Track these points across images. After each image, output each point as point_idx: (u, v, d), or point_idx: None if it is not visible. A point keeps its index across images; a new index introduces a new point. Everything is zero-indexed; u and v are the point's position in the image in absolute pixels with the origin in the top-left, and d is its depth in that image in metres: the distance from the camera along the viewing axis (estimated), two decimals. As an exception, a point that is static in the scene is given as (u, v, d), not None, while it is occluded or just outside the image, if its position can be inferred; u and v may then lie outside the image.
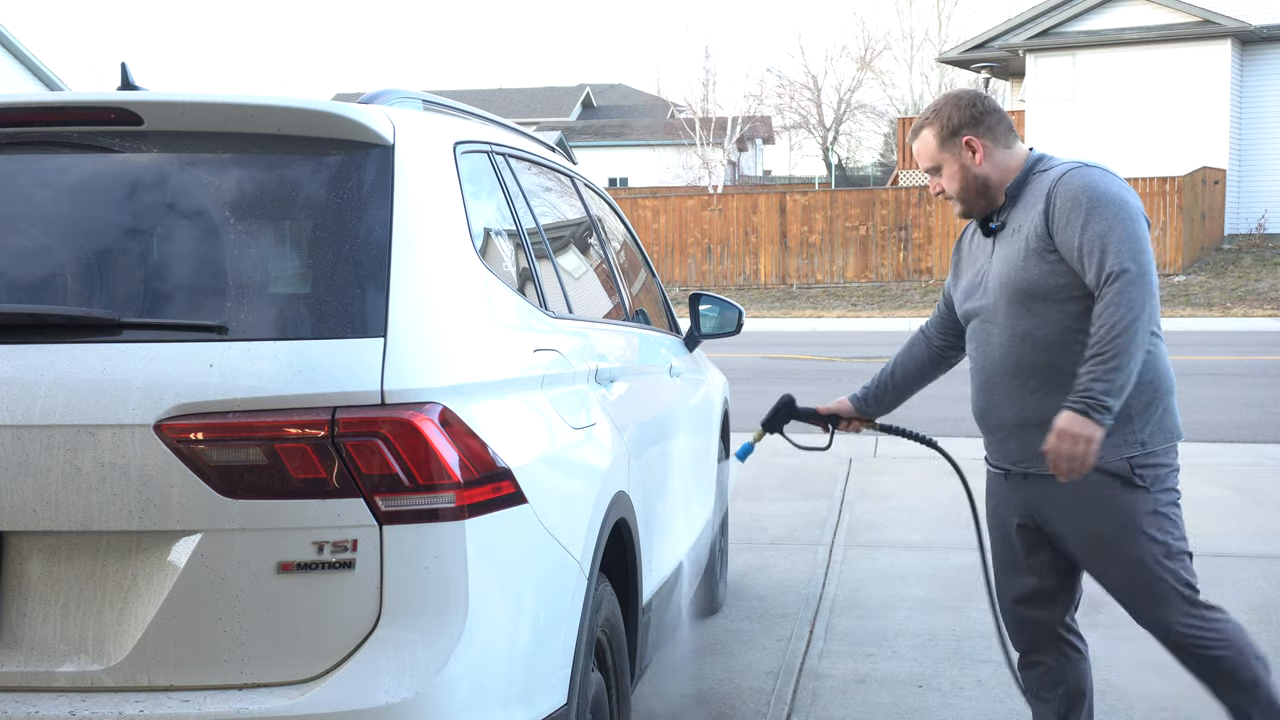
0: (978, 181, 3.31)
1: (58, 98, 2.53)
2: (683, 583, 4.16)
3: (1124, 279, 2.99)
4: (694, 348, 4.88)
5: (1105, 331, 3.00)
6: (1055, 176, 3.18)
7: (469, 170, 2.79)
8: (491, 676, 2.31)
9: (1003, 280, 3.27)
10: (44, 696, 2.17)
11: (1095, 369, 3.01)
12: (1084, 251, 3.07)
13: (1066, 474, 3.08)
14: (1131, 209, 3.08)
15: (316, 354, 2.20)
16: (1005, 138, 3.33)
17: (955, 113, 3.31)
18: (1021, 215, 3.24)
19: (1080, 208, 3.08)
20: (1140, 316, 2.99)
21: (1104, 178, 3.13)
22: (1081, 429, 3.03)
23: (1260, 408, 11.58)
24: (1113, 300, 2.99)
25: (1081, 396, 3.03)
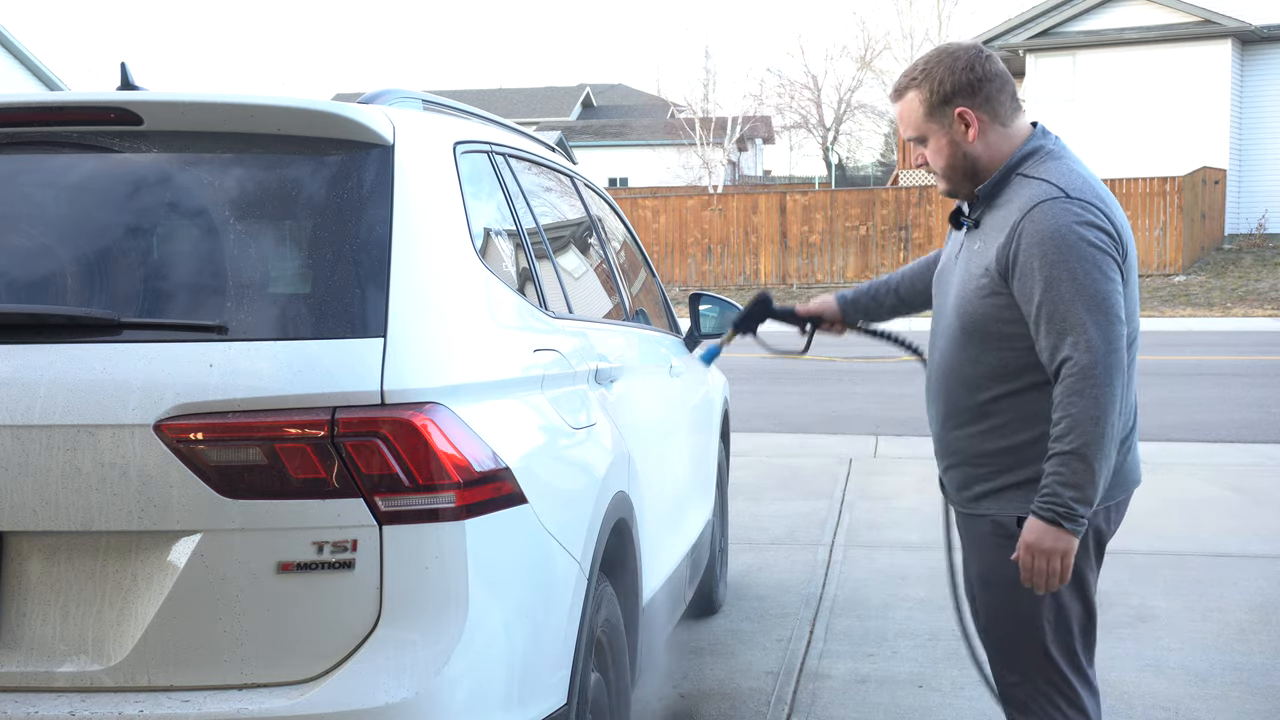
0: (967, 161, 2.82)
1: (58, 98, 2.53)
2: (682, 583, 4.16)
3: (1084, 366, 2.60)
4: (694, 348, 4.88)
5: (1069, 428, 2.61)
6: (1028, 203, 2.69)
7: (469, 170, 2.79)
8: (491, 676, 2.31)
9: (956, 301, 2.87)
10: (44, 697, 2.16)
11: (1062, 470, 2.62)
12: (1039, 318, 2.66)
13: (1044, 589, 2.73)
14: (1096, 266, 2.62)
15: (316, 354, 2.20)
16: (1006, 112, 2.82)
17: (949, 76, 2.78)
18: (991, 233, 2.79)
19: (1036, 265, 2.64)
20: (1109, 407, 2.60)
21: (1071, 222, 2.64)
22: (1054, 543, 2.66)
23: (1260, 408, 11.58)
24: (1075, 392, 2.60)
25: (1049, 503, 2.65)
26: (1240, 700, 4.26)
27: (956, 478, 2.96)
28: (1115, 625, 5.11)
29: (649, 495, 3.44)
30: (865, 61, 47.51)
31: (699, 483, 4.60)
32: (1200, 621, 5.14)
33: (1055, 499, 2.64)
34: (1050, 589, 2.72)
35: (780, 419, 10.72)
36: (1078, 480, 2.62)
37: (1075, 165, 2.80)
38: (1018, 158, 2.81)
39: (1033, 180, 2.74)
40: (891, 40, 53.00)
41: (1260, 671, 4.55)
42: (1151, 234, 25.74)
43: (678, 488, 4.06)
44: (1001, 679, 2.97)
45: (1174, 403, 11.92)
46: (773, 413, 11.09)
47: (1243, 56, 28.17)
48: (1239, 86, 28.09)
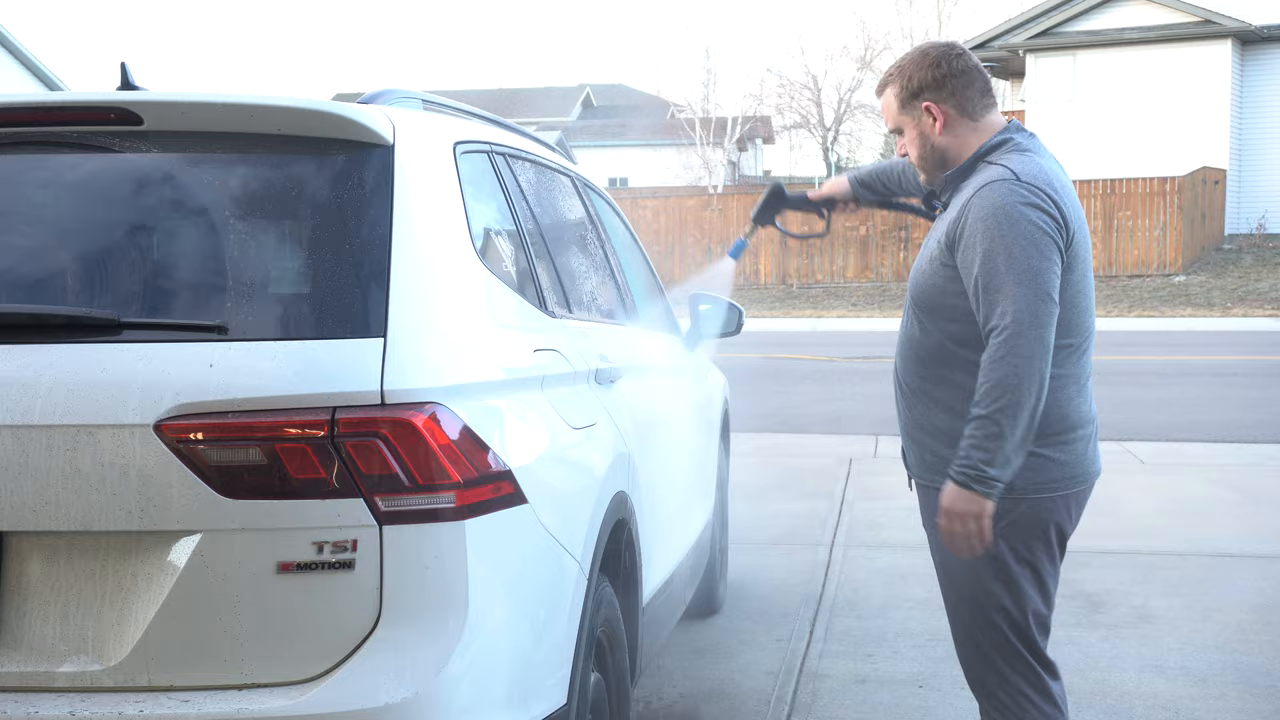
0: (935, 152, 2.98)
1: (58, 98, 2.53)
2: (682, 583, 4.16)
3: (1008, 334, 2.69)
4: (694, 348, 4.88)
5: (986, 393, 2.71)
6: (981, 183, 2.83)
7: (469, 170, 2.79)
8: (491, 677, 2.31)
9: (913, 274, 3.04)
10: (44, 697, 2.16)
11: (976, 435, 2.71)
12: (976, 288, 2.77)
13: (965, 553, 2.81)
14: (1034, 244, 2.73)
15: (316, 354, 2.20)
16: (973, 107, 2.95)
17: (918, 72, 2.96)
18: (951, 211, 2.92)
19: (979, 238, 2.76)
20: (1028, 377, 2.68)
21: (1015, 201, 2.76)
22: (967, 505, 2.73)
23: (1260, 408, 11.58)
24: (998, 358, 2.70)
25: (962, 467, 2.74)
26: (1240, 700, 4.26)
27: (915, 451, 3.05)
28: (1116, 625, 5.11)
29: (649, 495, 3.44)
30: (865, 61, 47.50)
31: (699, 483, 4.60)
32: (1201, 622, 5.14)
33: (968, 462, 2.73)
34: (970, 553, 2.79)
35: (780, 419, 10.72)
36: (990, 445, 2.70)
37: (1039, 158, 2.90)
38: (986, 148, 2.94)
39: (992, 165, 2.88)
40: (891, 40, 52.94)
41: (1261, 671, 4.54)
42: (1151, 234, 25.74)
43: (678, 488, 4.06)
44: (967, 663, 3.05)
45: (1174, 403, 11.93)
46: (773, 413, 11.09)
47: (1243, 56, 28.16)
48: (1239, 86, 28.09)
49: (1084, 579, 5.80)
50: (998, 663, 2.96)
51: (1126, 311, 23.42)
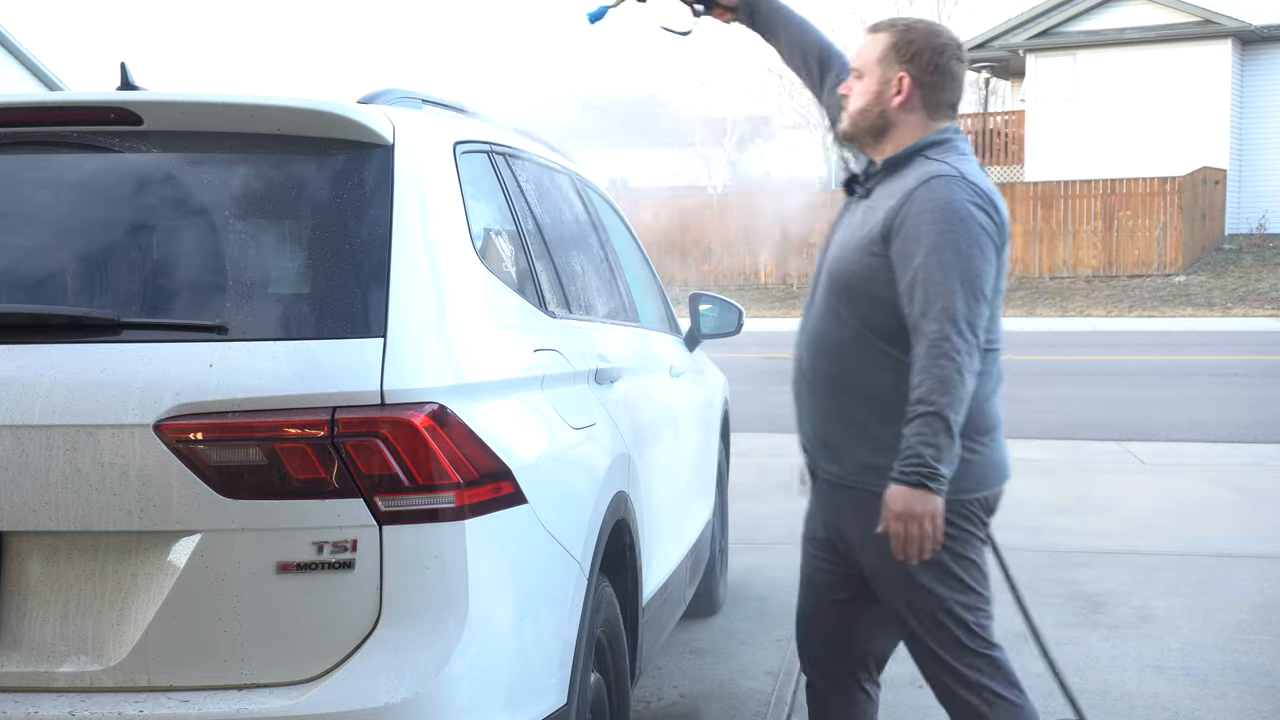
0: (880, 120, 2.89)
1: (58, 98, 2.53)
2: (683, 583, 4.15)
3: (952, 332, 2.67)
4: (694, 348, 4.88)
5: (931, 389, 2.66)
6: (926, 175, 2.79)
7: (469, 170, 2.79)
8: (491, 677, 2.30)
9: (832, 264, 2.94)
10: (43, 697, 2.16)
11: (924, 431, 2.66)
12: (914, 280, 2.72)
13: (916, 557, 2.74)
14: (979, 244, 2.73)
15: (316, 354, 2.20)
16: (937, 108, 2.91)
17: (921, 43, 2.88)
18: (883, 199, 2.86)
19: (924, 230, 2.72)
20: (967, 375, 2.68)
21: (964, 199, 2.75)
22: (923, 506, 2.68)
23: (1260, 408, 11.58)
24: (941, 355, 2.67)
25: (912, 465, 2.68)
26: (1240, 700, 4.26)
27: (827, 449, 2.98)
28: (1116, 626, 5.11)
29: (649, 495, 3.44)
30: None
31: (699, 483, 4.60)
32: (1201, 622, 5.13)
33: (919, 460, 2.67)
34: (925, 556, 2.73)
35: (780, 419, 10.67)
36: (939, 441, 2.66)
37: (974, 162, 2.91)
38: (926, 143, 2.88)
39: (934, 161, 2.84)
40: (891, 40, 52.93)
41: (1261, 672, 4.54)
42: (1151, 234, 25.74)
43: (678, 488, 4.06)
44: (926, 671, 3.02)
45: (1174, 403, 11.93)
46: (773, 413, 11.06)
47: (1243, 56, 28.15)
48: (1239, 86, 28.08)
49: (1084, 579, 5.80)
50: (955, 664, 2.93)
51: (1127, 311, 23.42)
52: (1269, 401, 12.00)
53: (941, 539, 2.73)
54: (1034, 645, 3.28)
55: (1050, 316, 23.29)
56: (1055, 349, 17.76)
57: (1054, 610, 5.29)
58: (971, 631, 2.93)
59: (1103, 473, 8.57)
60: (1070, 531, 6.78)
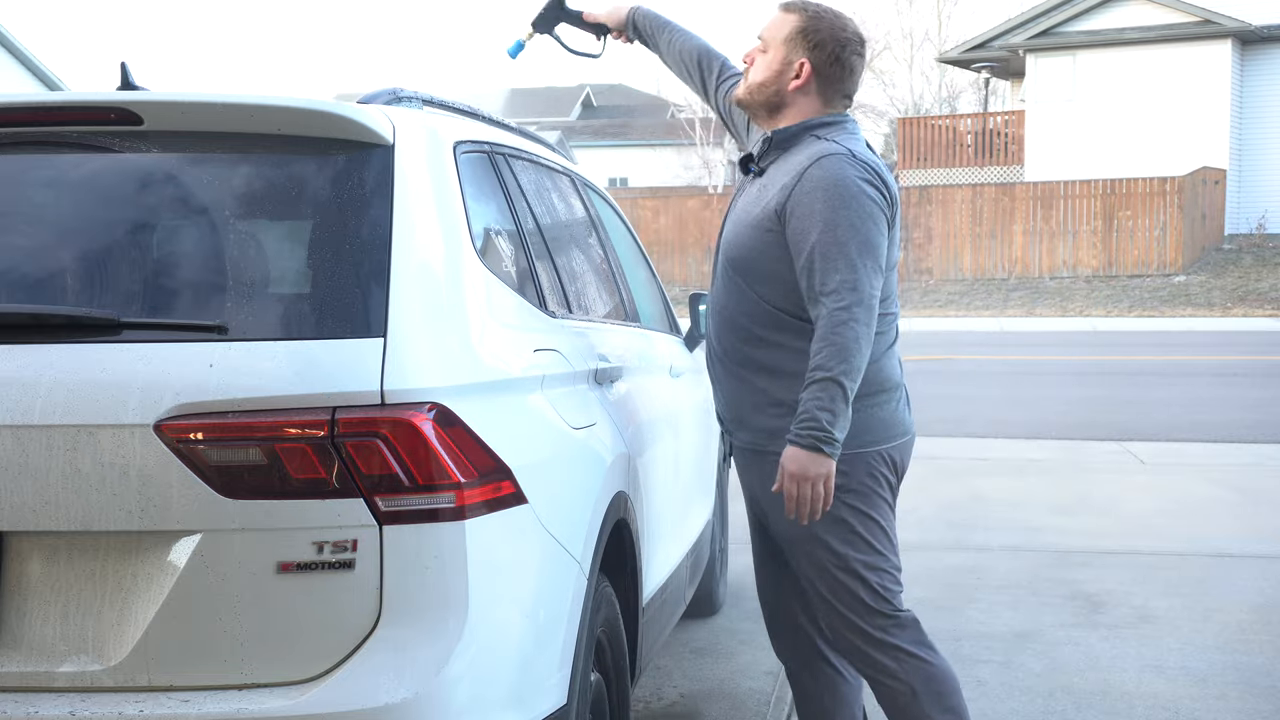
0: (776, 98, 3.03)
1: (58, 98, 2.53)
2: (682, 583, 4.16)
3: (850, 302, 2.79)
4: (694, 348, 4.88)
5: (830, 356, 2.78)
6: (816, 154, 2.90)
7: (469, 170, 2.79)
8: (491, 677, 2.31)
9: (727, 239, 3.08)
10: (44, 696, 2.16)
11: (821, 396, 2.78)
12: (811, 255, 2.84)
13: (807, 518, 2.85)
14: (872, 218, 2.85)
15: (316, 354, 2.20)
16: (831, 97, 3.03)
17: (828, 34, 3.00)
18: (776, 176, 2.98)
19: (818, 207, 2.84)
20: (865, 344, 2.80)
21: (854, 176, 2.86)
22: (815, 468, 2.80)
23: (1260, 408, 11.58)
24: (839, 323, 2.78)
25: (807, 428, 2.79)
26: (1241, 700, 4.26)
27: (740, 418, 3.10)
28: (1116, 625, 5.11)
29: (649, 495, 3.44)
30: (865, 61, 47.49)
31: (699, 483, 4.60)
32: (1201, 622, 5.14)
33: (815, 423, 2.78)
34: (815, 517, 2.84)
35: (780, 419, 10.69)
36: (835, 406, 2.78)
37: (863, 142, 3.03)
38: (818, 122, 3.01)
39: (824, 140, 2.97)
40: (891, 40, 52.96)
41: (1261, 672, 4.54)
42: (1151, 234, 25.74)
43: (678, 488, 4.06)
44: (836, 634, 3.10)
45: (1174, 403, 11.93)
46: (773, 413, 11.07)
47: (1243, 56, 28.16)
48: (1239, 86, 28.09)
49: (1084, 579, 5.80)
50: (861, 624, 3.02)
51: (1127, 311, 23.43)
52: (1269, 401, 12.00)
53: (830, 501, 2.84)
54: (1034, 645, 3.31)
55: (1050, 316, 23.29)
56: (1055, 349, 17.77)
57: (1054, 610, 5.29)
58: (875, 592, 3.01)
59: (1103, 473, 8.57)
60: (1070, 531, 6.79)
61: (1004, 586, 5.70)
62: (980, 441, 9.68)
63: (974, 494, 7.68)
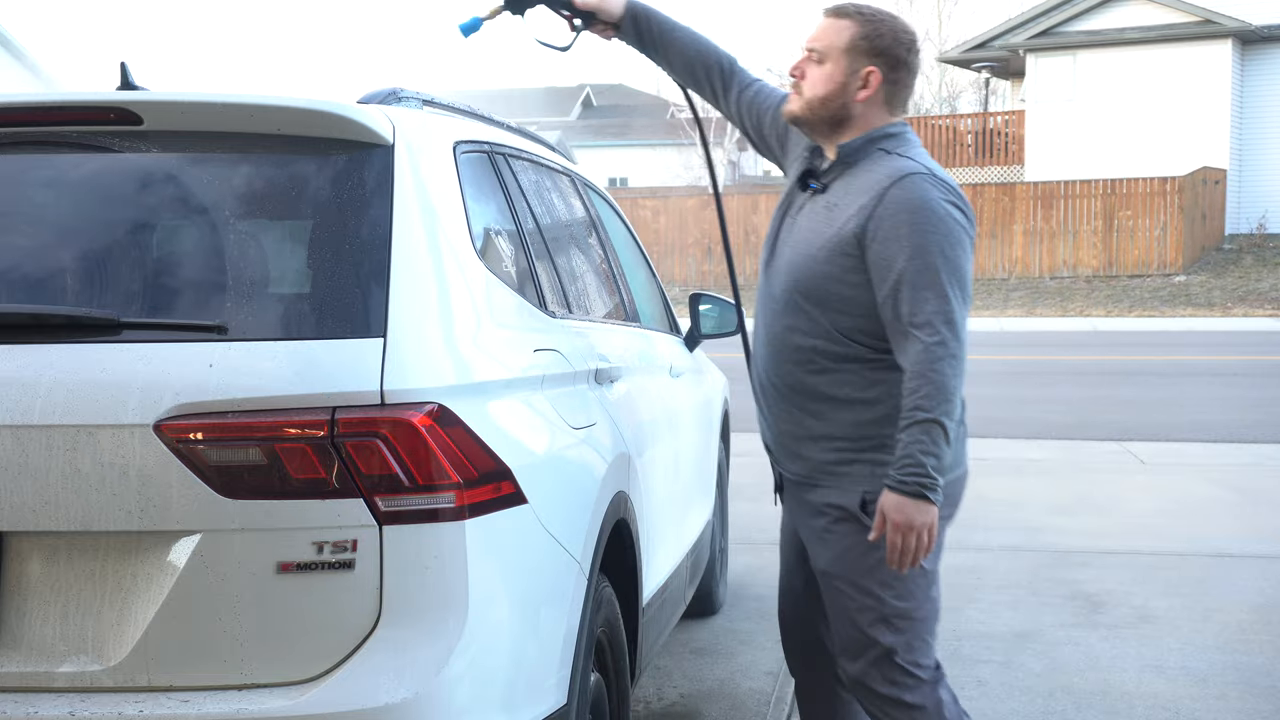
0: (842, 111, 2.83)
1: (58, 97, 2.53)
2: (682, 583, 4.15)
3: (945, 335, 2.63)
4: (694, 348, 4.88)
5: (929, 395, 2.61)
6: (894, 173, 2.74)
7: (469, 170, 2.79)
8: (491, 677, 2.30)
9: (793, 261, 2.86)
10: (43, 697, 2.16)
11: (923, 439, 2.62)
12: (899, 284, 2.68)
13: (906, 568, 2.72)
14: (961, 244, 2.70)
15: (316, 354, 2.20)
16: (896, 105, 2.87)
17: (891, 39, 2.81)
18: (846, 195, 2.79)
19: (905, 231, 2.68)
20: (961, 380, 2.66)
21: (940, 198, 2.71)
22: (920, 516, 2.65)
23: (1261, 408, 11.58)
24: (937, 359, 2.62)
25: (911, 473, 2.63)
26: (1241, 700, 4.26)
27: (788, 448, 2.96)
28: (1116, 626, 5.11)
29: (649, 495, 3.44)
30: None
31: (699, 483, 4.60)
32: (1201, 622, 5.14)
33: (919, 469, 2.62)
34: (913, 565, 2.71)
35: (780, 419, 10.70)
36: (938, 449, 2.63)
37: (929, 157, 2.86)
38: (881, 134, 2.83)
39: (896, 156, 2.79)
40: (891, 40, 52.84)
41: (1261, 672, 4.55)
42: (1152, 234, 25.74)
43: (678, 488, 4.06)
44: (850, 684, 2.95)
45: (1174, 403, 11.93)
46: (773, 413, 11.07)
47: (1243, 56, 28.16)
48: (1239, 86, 28.09)
49: (1084, 579, 5.80)
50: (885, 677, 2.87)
51: (1127, 311, 23.43)
52: (1269, 401, 12.00)
53: (933, 548, 2.72)
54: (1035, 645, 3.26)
55: (1050, 316, 23.29)
56: (1055, 349, 17.77)
57: (1054, 610, 5.29)
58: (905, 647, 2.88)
59: (1103, 473, 8.57)
60: (1070, 531, 6.79)
61: (1004, 586, 5.70)
62: (980, 441, 9.67)
63: (974, 494, 7.64)
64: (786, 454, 2.99)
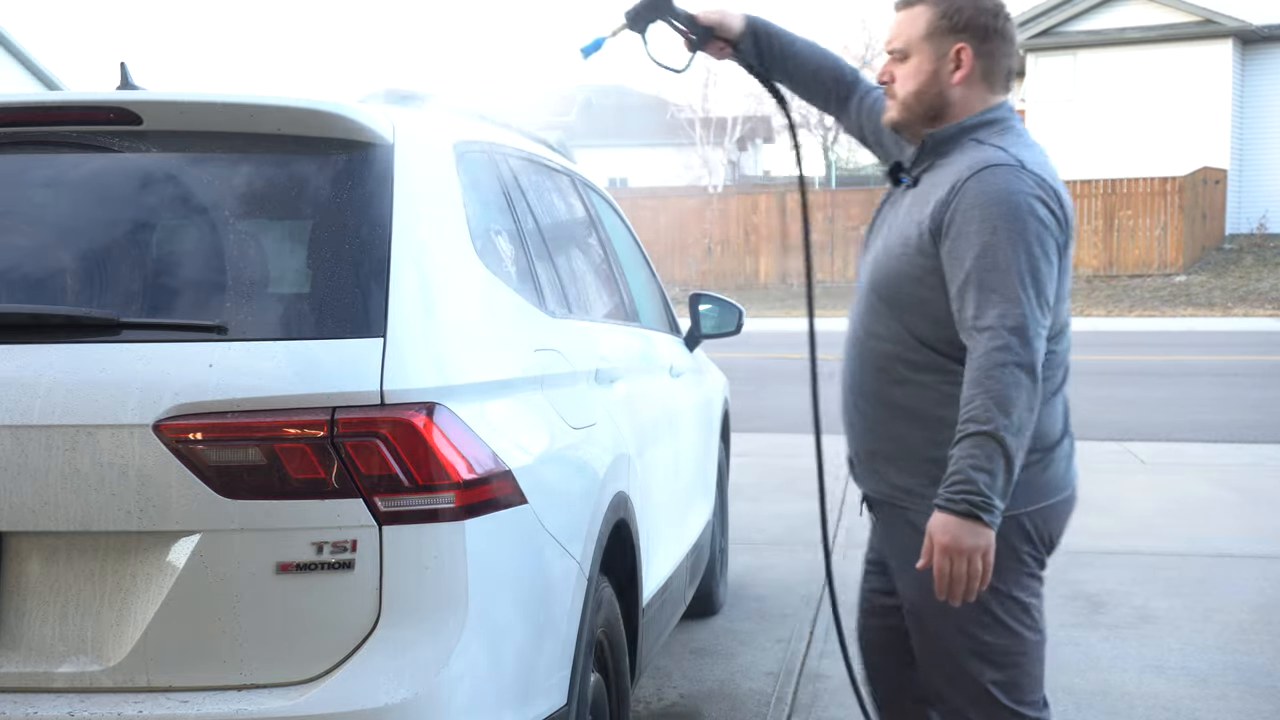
0: (939, 100, 2.61)
1: (57, 98, 2.53)
2: (682, 583, 4.15)
3: (1007, 340, 2.38)
4: (694, 348, 4.88)
5: (985, 406, 2.37)
6: (977, 164, 2.50)
7: (469, 170, 2.79)
8: (491, 677, 2.30)
9: (875, 260, 2.66)
10: (43, 697, 2.16)
11: (976, 454, 2.36)
12: (966, 283, 2.45)
13: (959, 598, 2.44)
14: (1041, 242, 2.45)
15: (316, 354, 2.20)
16: (998, 80, 2.63)
17: (971, 9, 2.59)
18: (931, 189, 2.57)
19: (976, 227, 2.44)
20: (1030, 389, 2.39)
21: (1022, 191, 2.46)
22: (969, 539, 2.37)
23: (1261, 408, 11.58)
24: (996, 365, 2.38)
25: (960, 491, 2.37)
26: (1241, 700, 4.26)
27: (867, 465, 2.74)
28: (1116, 625, 5.11)
29: (649, 495, 3.44)
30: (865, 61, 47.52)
31: (699, 483, 4.60)
32: (1201, 622, 5.13)
33: (969, 486, 2.36)
34: (969, 597, 2.44)
35: (780, 419, 10.70)
36: (992, 465, 2.36)
37: (1035, 147, 2.62)
38: (975, 122, 2.61)
39: (986, 146, 2.56)
40: (892, 40, 52.88)
41: (1261, 672, 4.54)
42: (1152, 234, 25.73)
43: (678, 488, 4.06)
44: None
45: (1174, 403, 11.93)
46: (773, 413, 11.08)
47: (1243, 56, 28.16)
48: (1239, 86, 28.09)
49: (1084, 579, 5.79)
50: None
51: (1127, 311, 23.43)
52: (1269, 401, 12.00)
53: (990, 578, 2.43)
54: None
55: (1050, 316, 23.26)
56: (1055, 349, 17.72)
57: (1054, 610, 5.28)
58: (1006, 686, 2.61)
59: (1103, 473, 8.56)
60: (1071, 531, 6.74)
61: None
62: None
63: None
64: (866, 471, 2.77)
